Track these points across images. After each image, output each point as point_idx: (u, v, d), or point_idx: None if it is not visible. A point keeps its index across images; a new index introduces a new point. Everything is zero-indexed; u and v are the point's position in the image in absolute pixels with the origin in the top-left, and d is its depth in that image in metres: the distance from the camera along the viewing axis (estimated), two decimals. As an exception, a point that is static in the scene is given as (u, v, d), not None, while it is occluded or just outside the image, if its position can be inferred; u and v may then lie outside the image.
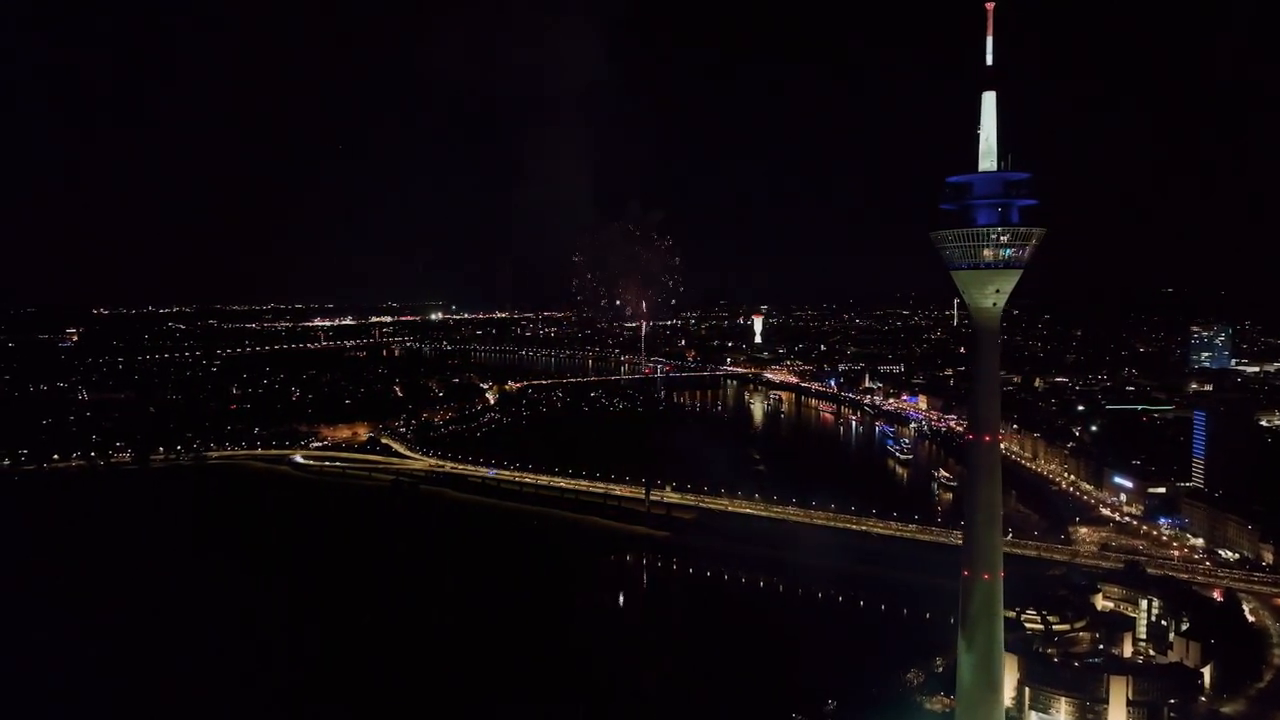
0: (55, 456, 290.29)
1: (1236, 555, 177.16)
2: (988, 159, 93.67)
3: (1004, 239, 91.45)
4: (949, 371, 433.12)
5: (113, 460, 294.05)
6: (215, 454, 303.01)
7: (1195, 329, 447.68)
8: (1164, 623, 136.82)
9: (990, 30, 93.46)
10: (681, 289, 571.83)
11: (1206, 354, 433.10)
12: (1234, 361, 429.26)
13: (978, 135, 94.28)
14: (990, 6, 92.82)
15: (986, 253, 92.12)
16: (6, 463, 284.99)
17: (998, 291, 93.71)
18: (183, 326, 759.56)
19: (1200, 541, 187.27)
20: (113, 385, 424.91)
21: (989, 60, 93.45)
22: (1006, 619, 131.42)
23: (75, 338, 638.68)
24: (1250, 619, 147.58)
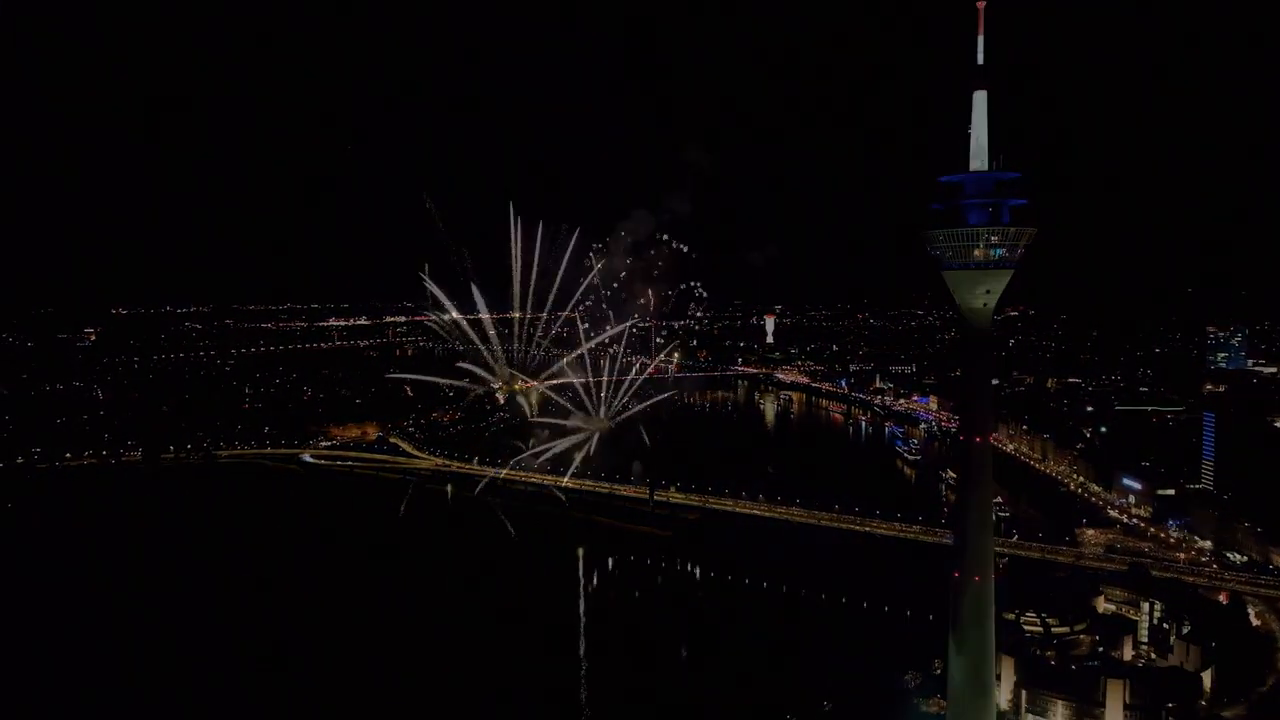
0: (67, 455, 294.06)
1: (1244, 558, 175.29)
2: (979, 158, 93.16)
3: (995, 239, 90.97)
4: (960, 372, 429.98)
5: (123, 458, 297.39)
6: (225, 453, 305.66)
7: (1211, 329, 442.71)
8: (1166, 626, 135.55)
9: (981, 29, 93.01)
10: (694, 288, 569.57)
11: (1223, 355, 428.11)
12: (1251, 362, 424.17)
13: (969, 134, 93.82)
14: (981, 5, 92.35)
15: (977, 253, 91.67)
16: (20, 460, 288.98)
17: (988, 292, 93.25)
18: (199, 326, 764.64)
19: (1208, 544, 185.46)
20: (127, 384, 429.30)
21: (980, 59, 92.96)
22: (1006, 621, 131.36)
23: (93, 337, 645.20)
24: (1255, 623, 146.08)
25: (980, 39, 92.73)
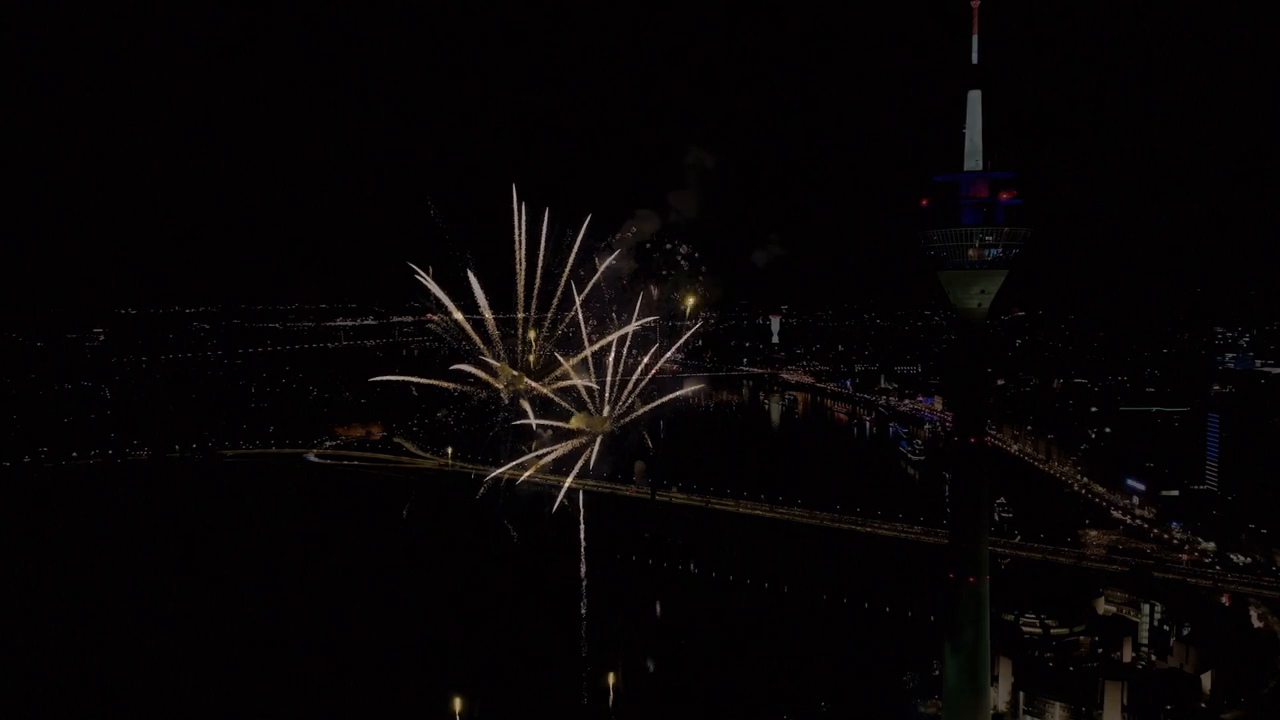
0: (74, 454, 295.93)
1: (1248, 560, 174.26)
2: (973, 158, 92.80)
3: (989, 239, 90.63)
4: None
5: (129, 456, 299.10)
6: (230, 452, 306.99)
7: (1219, 329, 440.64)
8: (1166, 628, 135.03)
9: (976, 28, 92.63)
10: (700, 288, 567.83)
11: (1231, 355, 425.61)
12: (1259, 363, 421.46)
13: (964, 134, 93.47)
14: (975, 4, 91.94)
15: (971, 253, 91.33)
16: (27, 459, 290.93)
17: (982, 292, 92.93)
18: (207, 326, 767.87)
19: (1212, 545, 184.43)
20: (135, 384, 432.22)
21: (974, 59, 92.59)
22: (1005, 622, 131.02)
23: (102, 337, 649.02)
24: (1258, 624, 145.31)
25: (974, 38, 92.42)
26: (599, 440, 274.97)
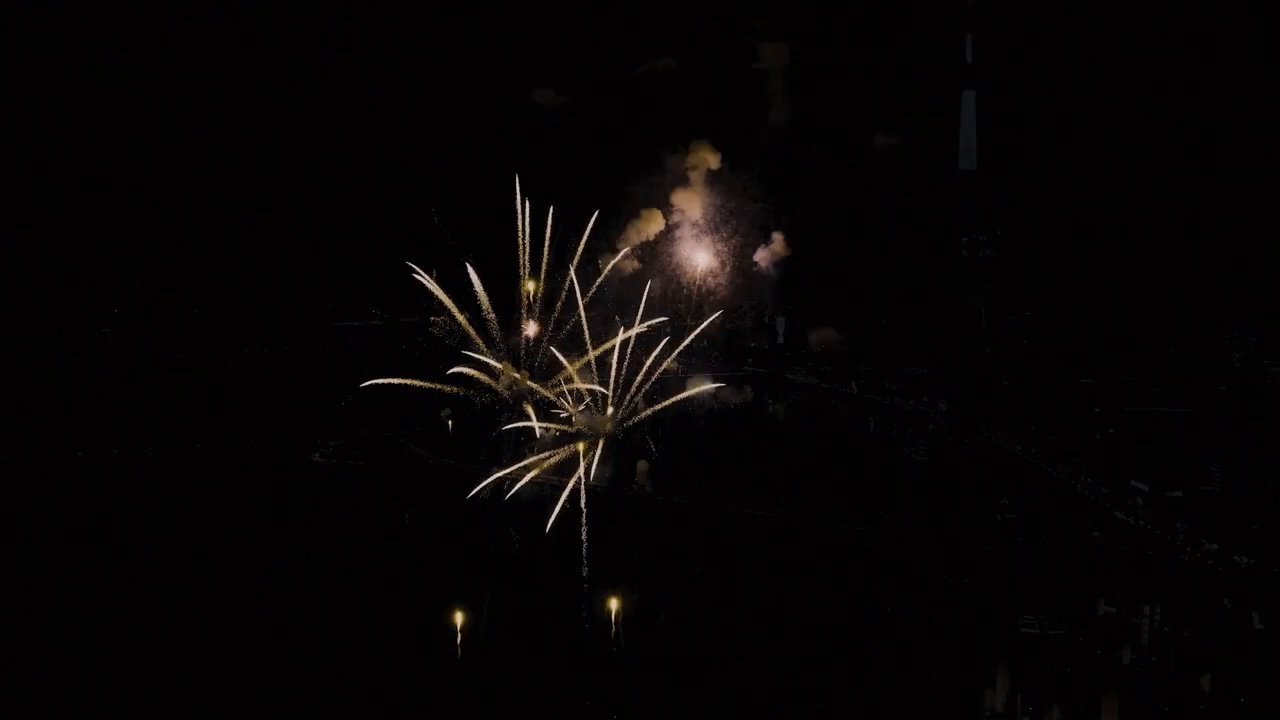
0: (79, 453, 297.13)
1: (1251, 561, 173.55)
2: (967, 158, 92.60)
3: (983, 238, 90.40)
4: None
5: (131, 455, 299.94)
6: (233, 451, 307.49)
7: (1226, 330, 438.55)
8: (1166, 629, 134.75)
9: (972, 28, 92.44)
10: (704, 288, 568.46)
11: (1238, 355, 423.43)
12: (1267, 363, 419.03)
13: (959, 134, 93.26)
14: (972, 3, 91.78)
15: (966, 253, 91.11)
16: (29, 459, 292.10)
17: (979, 291, 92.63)
18: (212, 326, 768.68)
19: (1215, 547, 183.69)
20: (138, 383, 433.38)
21: (969, 59, 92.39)
22: (1004, 622, 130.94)
23: (109, 336, 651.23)
24: (1259, 626, 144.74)
25: (969, 38, 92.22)
26: (601, 442, 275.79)
